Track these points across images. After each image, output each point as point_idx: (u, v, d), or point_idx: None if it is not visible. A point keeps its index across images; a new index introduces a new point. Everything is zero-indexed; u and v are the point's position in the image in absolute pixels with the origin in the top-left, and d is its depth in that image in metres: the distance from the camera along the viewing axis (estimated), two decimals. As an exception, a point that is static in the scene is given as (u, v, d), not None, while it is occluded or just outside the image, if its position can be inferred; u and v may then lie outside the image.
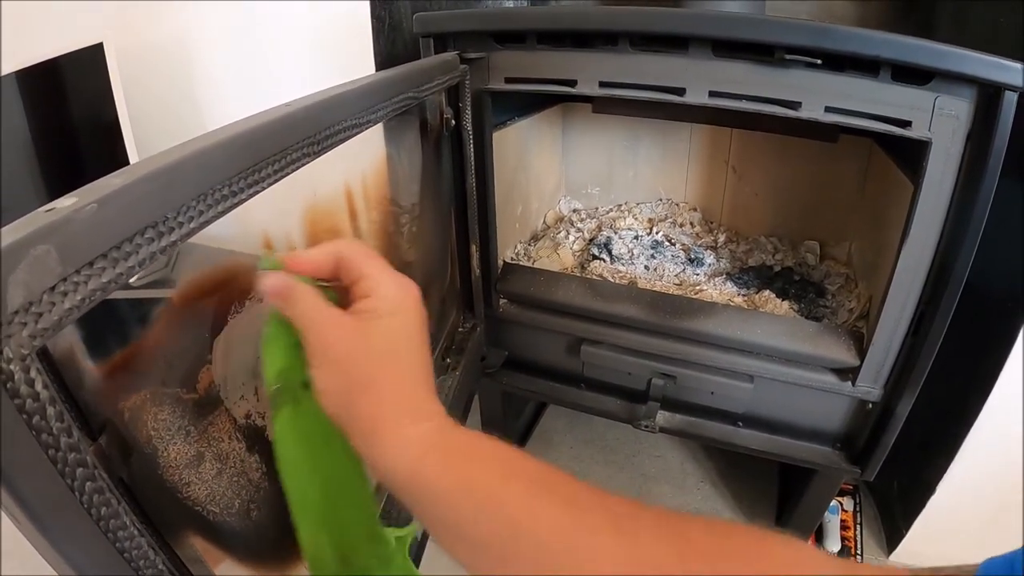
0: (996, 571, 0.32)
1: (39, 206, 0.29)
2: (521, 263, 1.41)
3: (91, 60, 1.09)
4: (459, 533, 0.38)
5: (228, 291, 0.51)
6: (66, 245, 0.28)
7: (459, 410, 1.08)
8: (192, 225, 0.36)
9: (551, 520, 0.35)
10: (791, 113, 0.88)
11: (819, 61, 0.83)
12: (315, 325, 0.40)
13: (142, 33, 1.27)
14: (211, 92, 1.32)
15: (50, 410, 0.29)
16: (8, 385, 0.27)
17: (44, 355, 0.32)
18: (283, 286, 0.41)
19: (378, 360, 0.40)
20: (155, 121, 1.29)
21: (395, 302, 0.42)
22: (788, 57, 0.84)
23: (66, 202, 0.30)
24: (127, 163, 1.14)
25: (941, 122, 0.82)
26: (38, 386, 0.28)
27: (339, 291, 0.44)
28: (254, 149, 0.43)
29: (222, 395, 0.50)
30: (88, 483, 0.31)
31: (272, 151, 0.45)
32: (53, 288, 0.28)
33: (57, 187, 1.06)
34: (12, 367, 0.27)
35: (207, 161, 0.39)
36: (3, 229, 0.27)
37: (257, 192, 0.43)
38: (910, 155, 0.99)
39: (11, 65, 0.97)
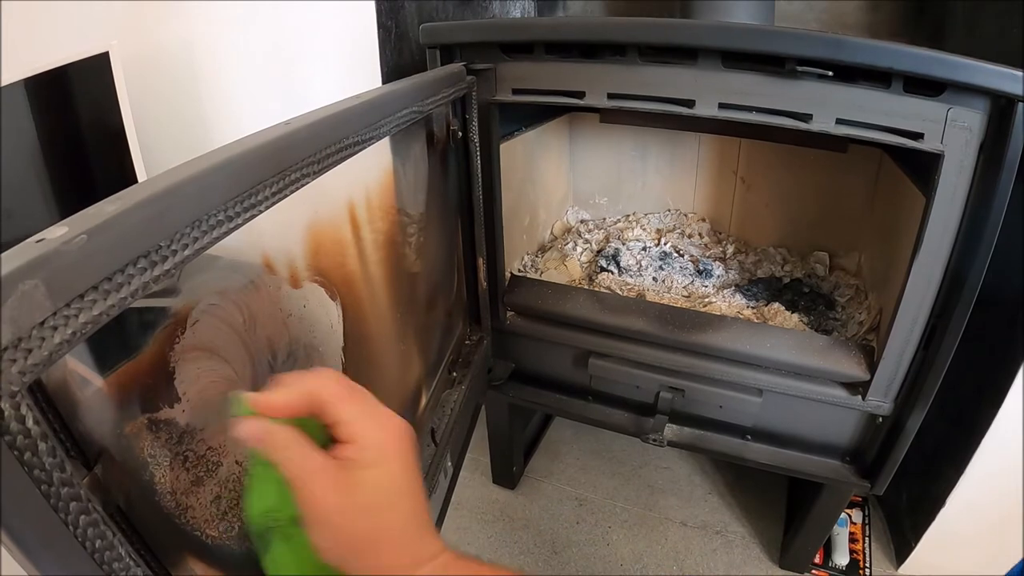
0: None
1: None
2: (528, 275, 1.40)
3: (97, 68, 1.10)
4: None
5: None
6: (55, 278, 0.28)
7: (464, 423, 1.07)
8: (187, 252, 0.35)
9: None
10: (802, 125, 0.87)
11: (830, 73, 0.82)
12: (300, 477, 0.39)
13: (148, 39, 1.28)
14: (217, 97, 1.32)
15: (42, 446, 0.28)
16: (-2, 423, 0.26)
17: (37, 385, 0.31)
18: (261, 433, 0.40)
19: (370, 516, 0.40)
20: (162, 126, 1.30)
21: (379, 451, 0.41)
22: (799, 69, 0.83)
23: (56, 232, 0.29)
24: (133, 170, 1.16)
25: (954, 134, 0.81)
26: (29, 422, 0.27)
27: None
28: (252, 171, 0.42)
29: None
30: (82, 517, 0.31)
31: (271, 173, 0.44)
32: (43, 323, 0.27)
33: (65, 194, 1.08)
34: (2, 404, 0.26)
35: (202, 186, 0.38)
36: None
37: (255, 215, 0.42)
38: (921, 166, 0.98)
39: (20, 73, 0.98)
